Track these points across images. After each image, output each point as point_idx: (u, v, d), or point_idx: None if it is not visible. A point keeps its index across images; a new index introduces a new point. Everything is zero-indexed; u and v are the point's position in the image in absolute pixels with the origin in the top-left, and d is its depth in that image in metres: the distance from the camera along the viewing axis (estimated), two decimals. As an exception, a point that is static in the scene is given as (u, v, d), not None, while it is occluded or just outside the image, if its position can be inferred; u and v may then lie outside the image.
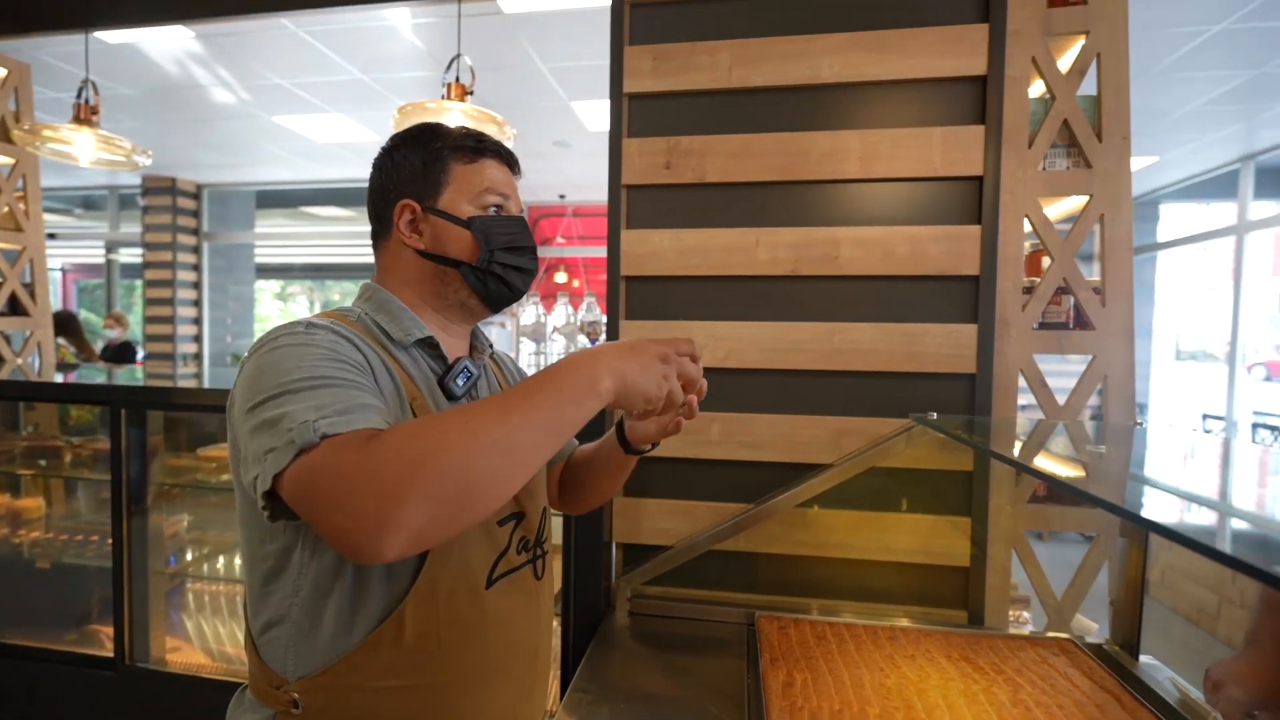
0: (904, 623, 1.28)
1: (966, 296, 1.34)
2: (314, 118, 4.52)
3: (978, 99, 1.31)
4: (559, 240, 7.47)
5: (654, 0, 1.40)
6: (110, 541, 1.72)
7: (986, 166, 1.31)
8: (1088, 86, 1.34)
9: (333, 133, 4.82)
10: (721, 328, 1.39)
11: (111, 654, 1.75)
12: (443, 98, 1.87)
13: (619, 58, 1.40)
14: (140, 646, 1.76)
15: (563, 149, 5.04)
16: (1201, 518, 0.69)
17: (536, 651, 0.83)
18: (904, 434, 1.34)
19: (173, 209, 6.38)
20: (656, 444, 0.90)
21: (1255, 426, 5.42)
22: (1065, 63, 1.37)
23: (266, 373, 0.62)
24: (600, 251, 7.06)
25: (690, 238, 1.39)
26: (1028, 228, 1.36)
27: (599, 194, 6.61)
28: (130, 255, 7.47)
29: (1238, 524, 0.70)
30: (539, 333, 2.40)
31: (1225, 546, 0.53)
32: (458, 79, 1.90)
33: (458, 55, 1.92)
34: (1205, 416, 5.88)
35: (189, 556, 2.05)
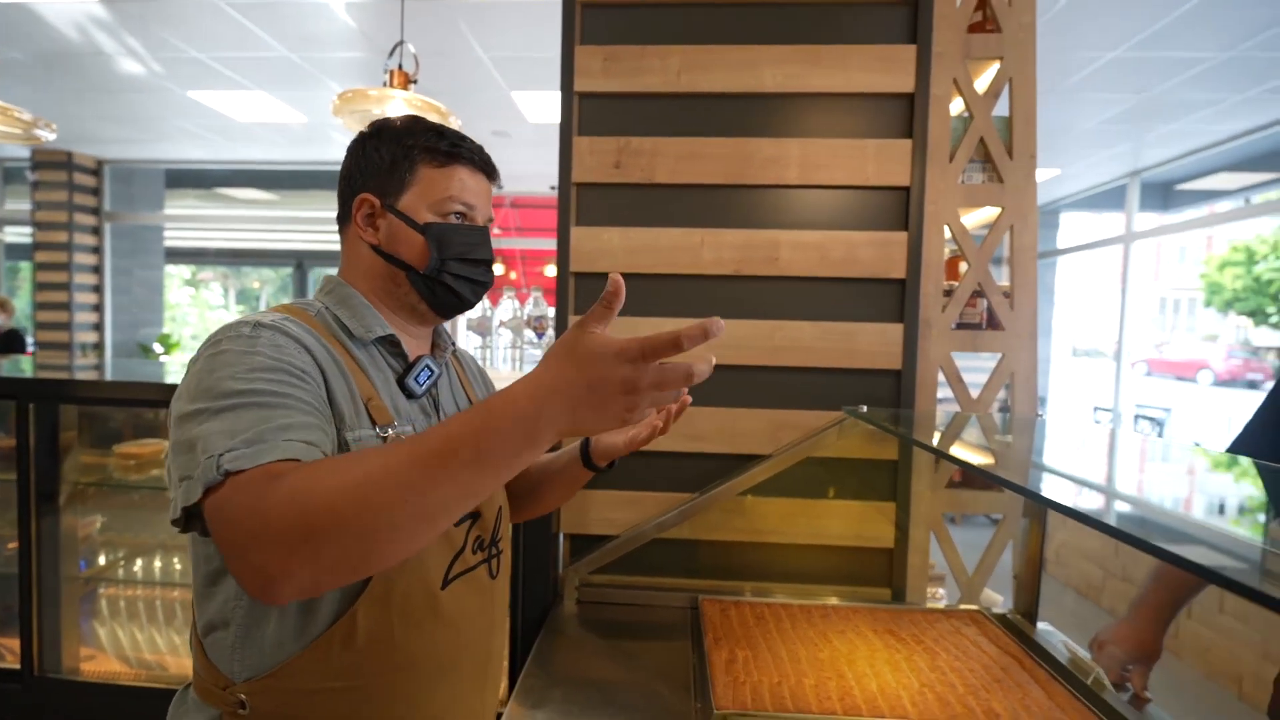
0: (834, 601, 1.37)
1: (894, 298, 1.44)
2: (234, 95, 4.26)
3: (906, 115, 1.41)
4: (495, 231, 7.36)
5: (605, 1, 1.43)
6: (14, 545, 1.60)
7: (913, 178, 1.41)
8: (1002, 107, 1.47)
9: (255, 112, 4.56)
10: (668, 324, 1.43)
11: (17, 666, 1.63)
12: (384, 84, 1.82)
13: (570, 56, 1.42)
14: (51, 657, 1.65)
15: (502, 139, 4.96)
16: (1092, 499, 0.79)
17: (490, 649, 0.84)
18: (836, 426, 1.44)
19: (69, 185, 5.85)
20: (615, 463, 0.92)
21: (1137, 417, 6.00)
22: (982, 84, 1.49)
23: (198, 383, 0.61)
24: (539, 244, 7.00)
25: (639, 236, 1.43)
26: (948, 235, 1.47)
27: (538, 185, 6.56)
28: (17, 235, 6.82)
29: (1121, 505, 0.81)
30: (484, 326, 2.38)
31: (1111, 521, 0.62)
32: (400, 66, 1.85)
33: (400, 42, 1.87)
34: (1096, 409, 6.45)
35: (103, 560, 1.93)
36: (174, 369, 2.03)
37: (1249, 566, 0.52)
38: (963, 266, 1.51)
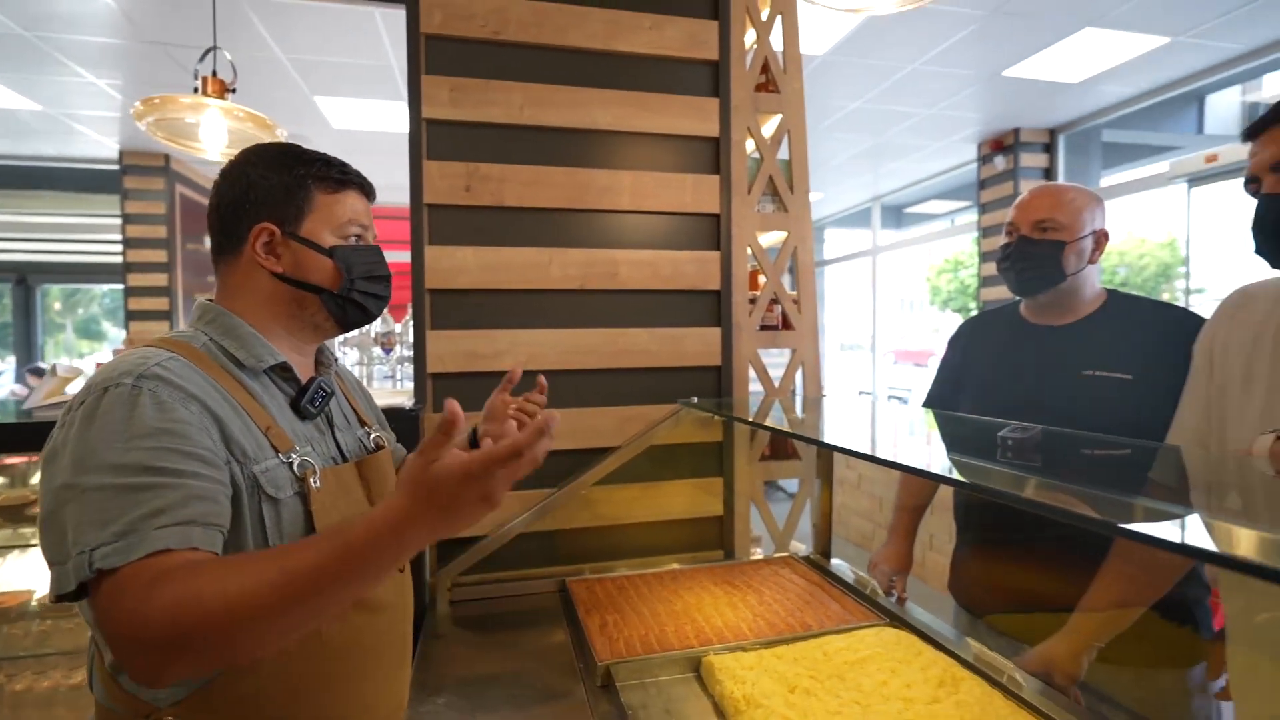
0: (679, 566, 1.61)
1: (712, 306, 1.73)
2: (-69, 71, 3.45)
3: (714, 155, 1.71)
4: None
5: (448, 36, 1.52)
6: None
7: (722, 207, 1.71)
8: (783, 151, 1.83)
9: (-36, 94, 3.73)
10: (523, 335, 1.57)
11: None
12: (196, 91, 1.69)
13: (416, 84, 1.49)
14: None
15: (300, 143, 4.61)
16: (860, 445, 1.10)
17: (406, 634, 0.91)
18: (673, 417, 1.68)
19: None
20: None
21: (890, 397, 7.31)
22: (769, 131, 1.84)
23: (74, 450, 0.61)
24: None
25: (492, 255, 1.54)
26: (750, 253, 1.80)
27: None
28: None
29: (880, 449, 1.13)
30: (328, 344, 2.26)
31: (869, 452, 0.90)
32: (215, 73, 1.73)
33: (214, 48, 1.75)
34: (860, 391, 7.72)
35: None
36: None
37: (947, 469, 0.82)
38: (761, 279, 1.85)
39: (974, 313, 2.87)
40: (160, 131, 1.66)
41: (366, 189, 0.87)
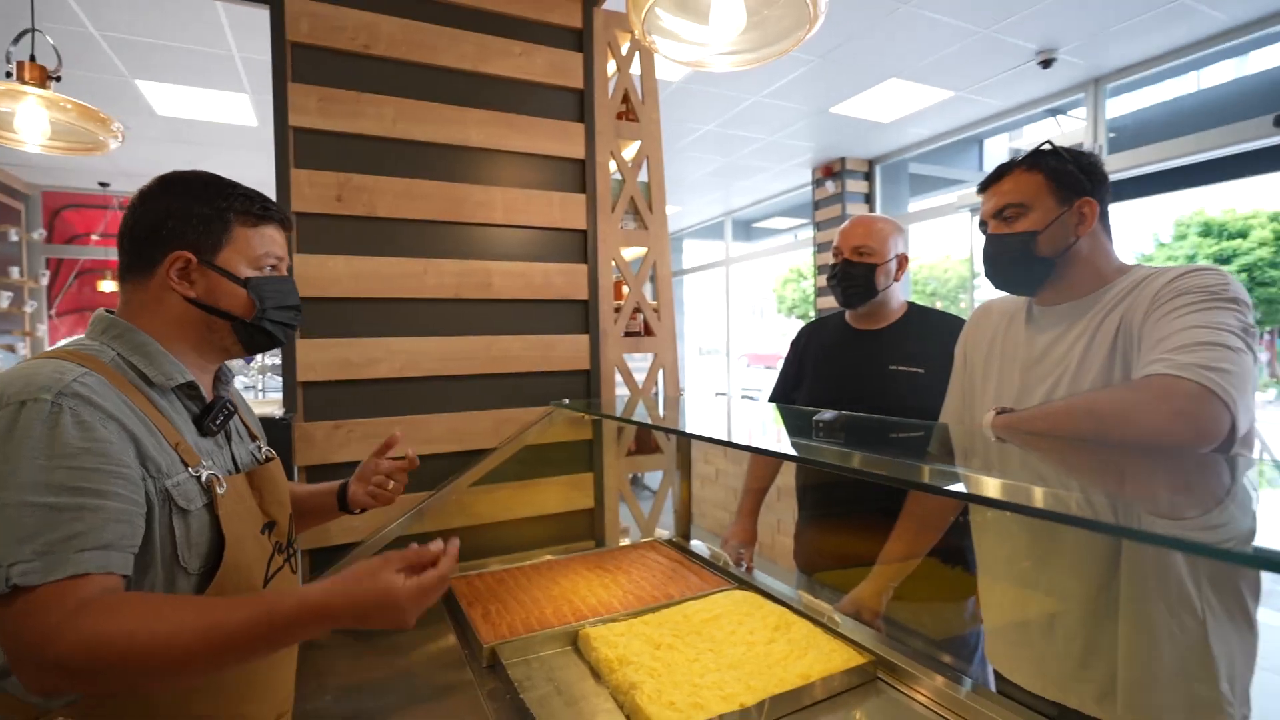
0: (553, 557, 1.72)
1: (580, 315, 1.86)
2: None
3: (581, 175, 1.85)
4: (94, 238, 5.89)
5: (316, 45, 1.52)
6: None
7: (588, 223, 1.85)
8: (643, 174, 2.01)
9: None
10: (398, 343, 1.61)
11: None
12: (8, 75, 1.51)
13: (283, 92, 1.48)
14: None
15: (122, 130, 4.11)
16: (715, 433, 1.29)
17: None
18: (546, 418, 1.79)
19: None
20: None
21: (743, 396, 7.91)
22: (630, 154, 2.02)
23: None
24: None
25: (365, 264, 1.57)
26: (615, 266, 1.96)
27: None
28: None
29: (733, 434, 1.33)
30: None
31: (731, 438, 1.09)
32: (33, 58, 1.56)
33: (32, 29, 1.57)
34: (717, 393, 8.26)
35: None
36: None
37: (775, 448, 1.02)
38: (625, 289, 2.02)
39: (812, 319, 3.28)
40: (-38, 118, 1.47)
41: (285, 223, 0.91)
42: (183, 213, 0.81)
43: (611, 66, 1.94)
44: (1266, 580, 1.01)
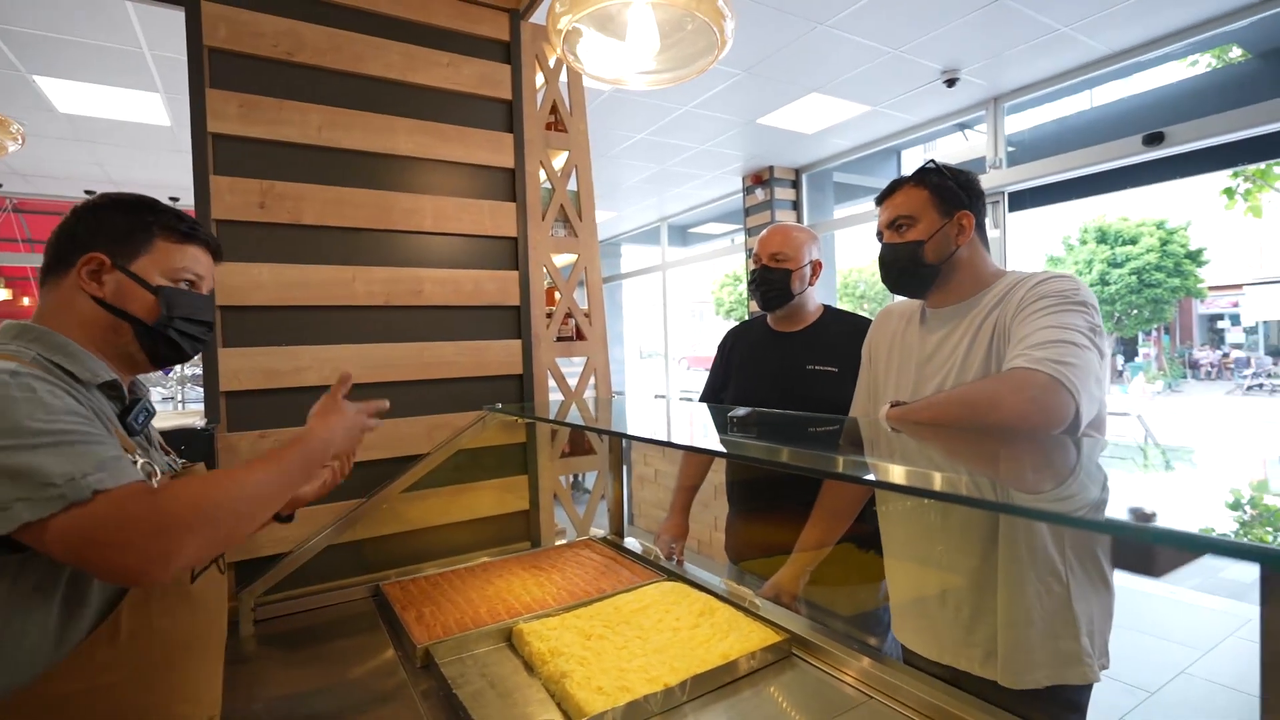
0: (488, 559, 1.75)
1: (513, 320, 1.90)
2: None
3: (511, 184, 1.88)
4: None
5: (234, 51, 1.51)
6: None
7: (519, 231, 1.89)
8: (572, 183, 2.06)
9: None
10: (328, 350, 1.60)
11: None
12: None
13: (200, 97, 1.45)
14: None
15: (23, 130, 3.83)
16: (651, 433, 1.35)
17: (224, 627, 0.97)
18: (479, 422, 1.82)
19: None
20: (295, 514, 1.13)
21: (681, 398, 8.04)
22: (559, 164, 2.07)
23: None
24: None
25: (291, 272, 1.55)
26: (546, 273, 2.00)
27: (58, 188, 5.15)
28: None
29: (672, 433, 1.39)
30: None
31: (671, 439, 1.15)
32: None
33: None
34: (656, 395, 8.38)
35: None
36: None
37: (696, 444, 1.09)
38: (557, 295, 2.07)
39: (744, 321, 3.42)
40: None
41: (213, 248, 0.93)
42: (108, 220, 0.85)
43: (540, 79, 1.99)
44: (1210, 568, 1.15)
